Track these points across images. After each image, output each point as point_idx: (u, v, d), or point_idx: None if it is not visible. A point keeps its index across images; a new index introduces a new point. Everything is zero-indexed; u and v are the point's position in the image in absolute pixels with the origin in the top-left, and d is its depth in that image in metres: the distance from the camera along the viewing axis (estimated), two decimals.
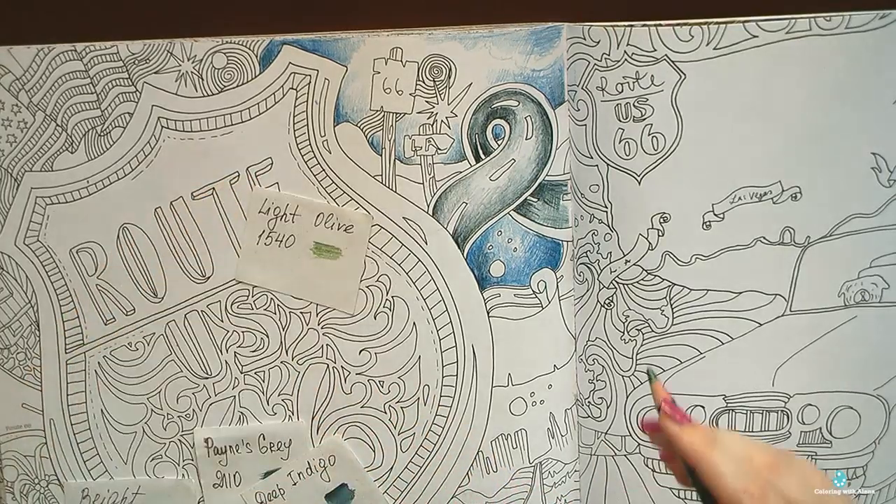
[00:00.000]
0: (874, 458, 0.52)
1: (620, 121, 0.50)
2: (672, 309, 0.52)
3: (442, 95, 0.50)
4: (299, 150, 0.52)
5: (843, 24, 0.49)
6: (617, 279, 0.52)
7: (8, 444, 0.55)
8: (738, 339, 0.52)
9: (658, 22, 0.49)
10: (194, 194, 0.53)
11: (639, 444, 0.54)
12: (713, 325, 0.52)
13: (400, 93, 0.50)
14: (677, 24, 0.49)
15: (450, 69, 0.50)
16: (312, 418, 0.54)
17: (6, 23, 0.52)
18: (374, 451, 0.54)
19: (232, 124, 0.52)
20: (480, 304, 0.53)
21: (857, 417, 0.52)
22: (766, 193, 0.51)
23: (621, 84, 0.50)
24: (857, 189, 0.50)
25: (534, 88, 0.50)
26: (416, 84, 0.50)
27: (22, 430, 0.55)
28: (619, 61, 0.50)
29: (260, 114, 0.51)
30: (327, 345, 0.53)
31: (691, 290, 0.52)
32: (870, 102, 0.50)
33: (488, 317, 0.53)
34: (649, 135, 0.50)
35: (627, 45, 0.49)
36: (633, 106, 0.50)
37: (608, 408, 0.54)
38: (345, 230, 0.52)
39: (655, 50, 0.49)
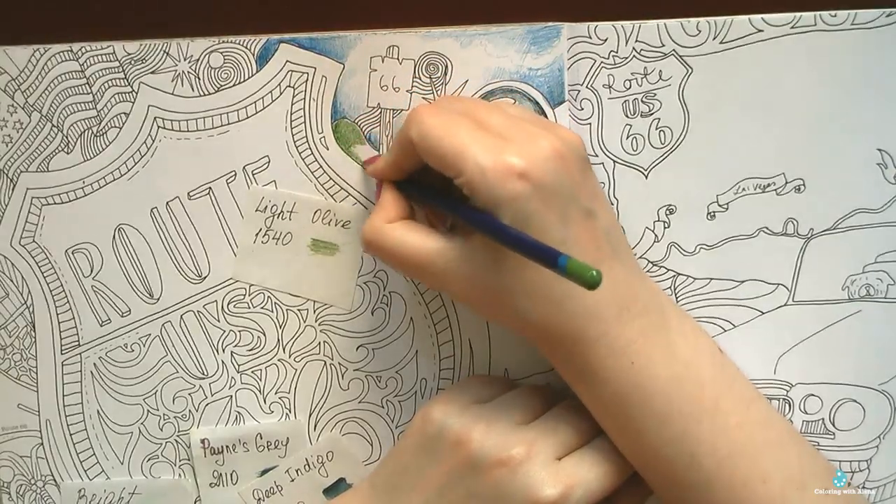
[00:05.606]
0: (878, 453, 0.52)
1: (628, 117, 0.50)
2: (676, 297, 0.52)
3: (438, 92, 0.50)
4: (296, 147, 0.51)
5: (848, 20, 0.49)
6: None
7: (4, 444, 0.55)
8: (741, 327, 0.52)
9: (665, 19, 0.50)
10: (190, 194, 0.52)
11: None
12: (716, 312, 0.52)
13: (397, 90, 0.50)
14: (685, 19, 0.49)
15: (446, 66, 0.50)
16: (310, 415, 0.54)
17: (1, 23, 0.52)
18: (371, 445, 0.54)
19: (229, 123, 0.52)
20: None
21: (862, 411, 0.52)
22: (769, 185, 0.51)
23: (629, 80, 0.50)
24: (862, 184, 0.50)
25: (531, 87, 0.50)
26: (413, 81, 0.50)
27: (18, 430, 0.55)
28: (627, 58, 0.50)
29: (257, 112, 0.51)
30: (324, 342, 0.53)
31: (695, 279, 0.52)
32: (876, 99, 0.50)
33: None
34: (657, 129, 0.51)
35: (636, 41, 0.50)
36: (641, 101, 0.50)
37: None
38: (342, 226, 0.52)
39: (664, 45, 0.50)
